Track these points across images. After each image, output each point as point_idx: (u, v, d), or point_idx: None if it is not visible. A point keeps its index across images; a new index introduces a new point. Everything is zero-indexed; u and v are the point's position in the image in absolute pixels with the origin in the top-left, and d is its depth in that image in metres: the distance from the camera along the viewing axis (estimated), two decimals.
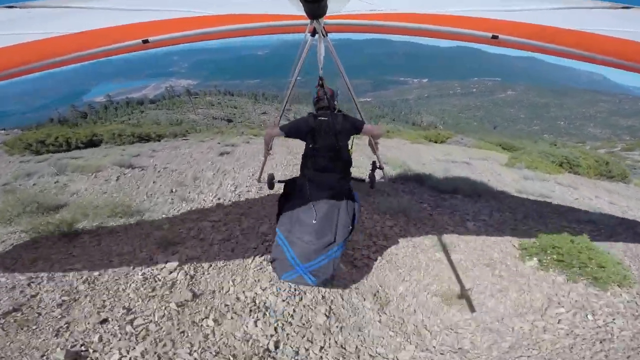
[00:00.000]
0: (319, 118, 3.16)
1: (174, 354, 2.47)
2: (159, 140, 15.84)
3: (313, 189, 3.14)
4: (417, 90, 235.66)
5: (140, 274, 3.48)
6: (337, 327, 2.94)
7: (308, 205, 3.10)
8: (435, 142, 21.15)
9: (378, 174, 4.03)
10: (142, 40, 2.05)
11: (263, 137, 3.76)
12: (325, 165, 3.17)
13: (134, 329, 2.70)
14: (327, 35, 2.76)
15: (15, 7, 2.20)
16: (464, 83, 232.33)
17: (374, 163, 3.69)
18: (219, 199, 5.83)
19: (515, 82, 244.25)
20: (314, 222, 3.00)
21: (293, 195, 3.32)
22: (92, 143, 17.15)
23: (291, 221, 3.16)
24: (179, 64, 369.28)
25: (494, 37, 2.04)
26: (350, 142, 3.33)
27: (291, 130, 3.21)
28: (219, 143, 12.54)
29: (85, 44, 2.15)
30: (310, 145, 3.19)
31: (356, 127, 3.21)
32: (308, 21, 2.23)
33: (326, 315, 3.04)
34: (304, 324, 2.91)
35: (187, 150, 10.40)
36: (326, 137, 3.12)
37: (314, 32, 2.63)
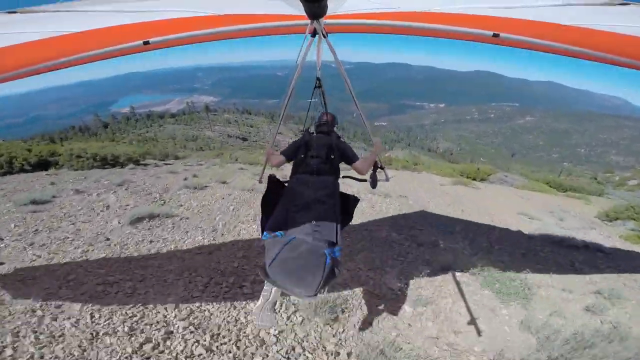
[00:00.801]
0: (315, 134, 3.32)
1: None
2: (123, 167, 12.19)
3: (307, 189, 2.88)
4: (434, 115, 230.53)
5: None
6: None
7: (303, 205, 2.79)
8: (474, 179, 16.97)
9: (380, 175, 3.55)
10: (143, 42, 2.01)
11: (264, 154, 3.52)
12: (318, 168, 3.01)
13: None
14: (327, 36, 2.56)
15: (17, 12, 2.19)
16: (481, 108, 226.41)
17: (375, 163, 3.46)
18: None
19: (534, 107, 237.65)
20: (313, 222, 2.69)
21: (284, 196, 2.97)
22: (46, 163, 13.64)
23: (285, 223, 2.75)
24: (202, 80, 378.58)
25: (495, 35, 1.96)
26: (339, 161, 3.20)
27: (291, 152, 3.19)
28: (185, 179, 8.69)
29: (85, 45, 2.12)
30: (302, 155, 3.11)
31: (348, 157, 3.19)
32: (308, 21, 2.17)
33: None
34: None
35: (109, 202, 6.52)
36: (320, 148, 3.10)
37: (314, 33, 2.45)
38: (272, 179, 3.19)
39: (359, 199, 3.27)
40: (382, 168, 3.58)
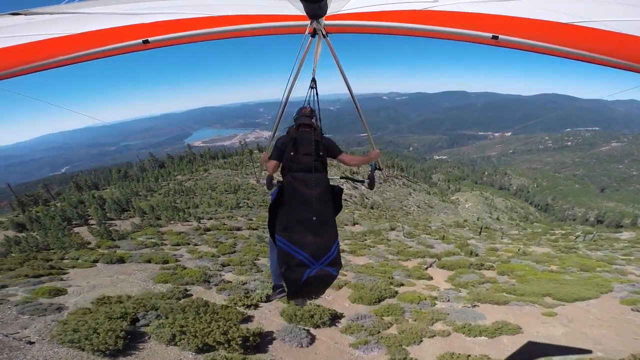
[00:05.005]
0: (300, 129, 3.24)
1: None
2: None
3: (305, 188, 2.94)
4: (500, 145, 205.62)
5: None
6: None
7: (303, 204, 2.88)
8: None
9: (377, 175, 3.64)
10: (143, 41, 2.00)
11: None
12: (310, 166, 3.02)
13: None
14: (327, 36, 2.50)
15: (20, 14, 2.16)
16: (555, 135, 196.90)
17: (373, 164, 3.61)
18: None
19: (619, 130, 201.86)
20: (313, 219, 2.83)
21: (285, 196, 3.00)
22: None
23: (290, 223, 2.91)
24: (263, 115, 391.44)
25: (494, 37, 1.89)
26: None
27: (279, 153, 3.19)
28: None
29: (85, 44, 2.12)
30: (292, 153, 3.10)
31: (334, 151, 3.27)
32: (308, 22, 2.11)
33: None
34: None
35: None
36: (307, 145, 3.09)
37: (314, 33, 2.40)
38: (278, 189, 3.15)
39: (342, 189, 3.31)
40: (380, 169, 3.73)
